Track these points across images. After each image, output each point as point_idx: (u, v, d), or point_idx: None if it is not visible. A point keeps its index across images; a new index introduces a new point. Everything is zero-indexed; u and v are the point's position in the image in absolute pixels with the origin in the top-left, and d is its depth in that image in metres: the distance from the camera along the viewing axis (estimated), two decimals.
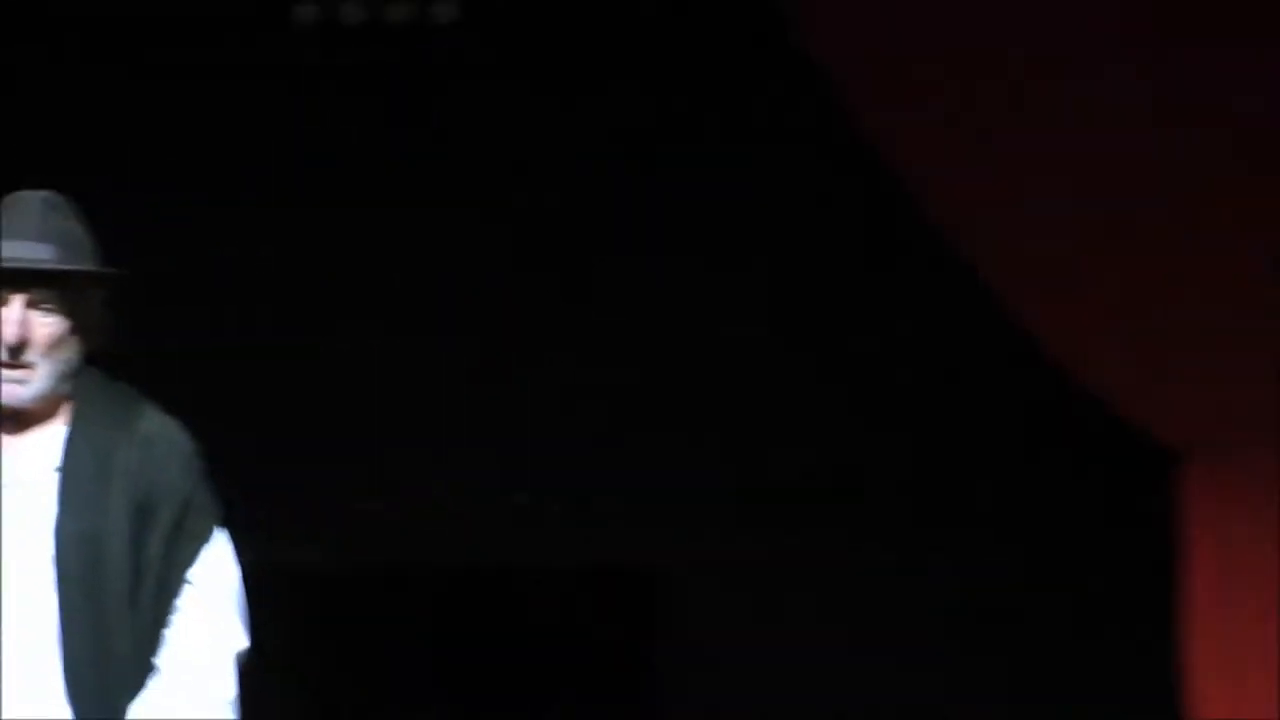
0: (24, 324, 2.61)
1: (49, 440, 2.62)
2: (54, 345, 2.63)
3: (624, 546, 5.89)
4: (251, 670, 2.73)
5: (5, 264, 2.58)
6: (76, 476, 2.67)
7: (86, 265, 2.71)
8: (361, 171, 5.67)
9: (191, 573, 2.71)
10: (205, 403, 4.53)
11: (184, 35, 5.49)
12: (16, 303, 2.59)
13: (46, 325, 2.62)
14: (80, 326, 2.71)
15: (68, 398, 2.70)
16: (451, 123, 5.64)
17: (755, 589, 5.87)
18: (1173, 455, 5.48)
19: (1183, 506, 5.50)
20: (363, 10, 5.39)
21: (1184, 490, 5.50)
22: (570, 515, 5.71)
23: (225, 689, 2.69)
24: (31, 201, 2.69)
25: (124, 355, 2.76)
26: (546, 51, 5.58)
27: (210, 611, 2.73)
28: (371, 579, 6.10)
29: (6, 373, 2.60)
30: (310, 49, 5.51)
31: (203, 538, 2.72)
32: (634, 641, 6.12)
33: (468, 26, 5.48)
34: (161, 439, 2.76)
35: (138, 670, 2.66)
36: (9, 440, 2.60)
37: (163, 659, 2.68)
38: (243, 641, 2.72)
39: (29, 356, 2.61)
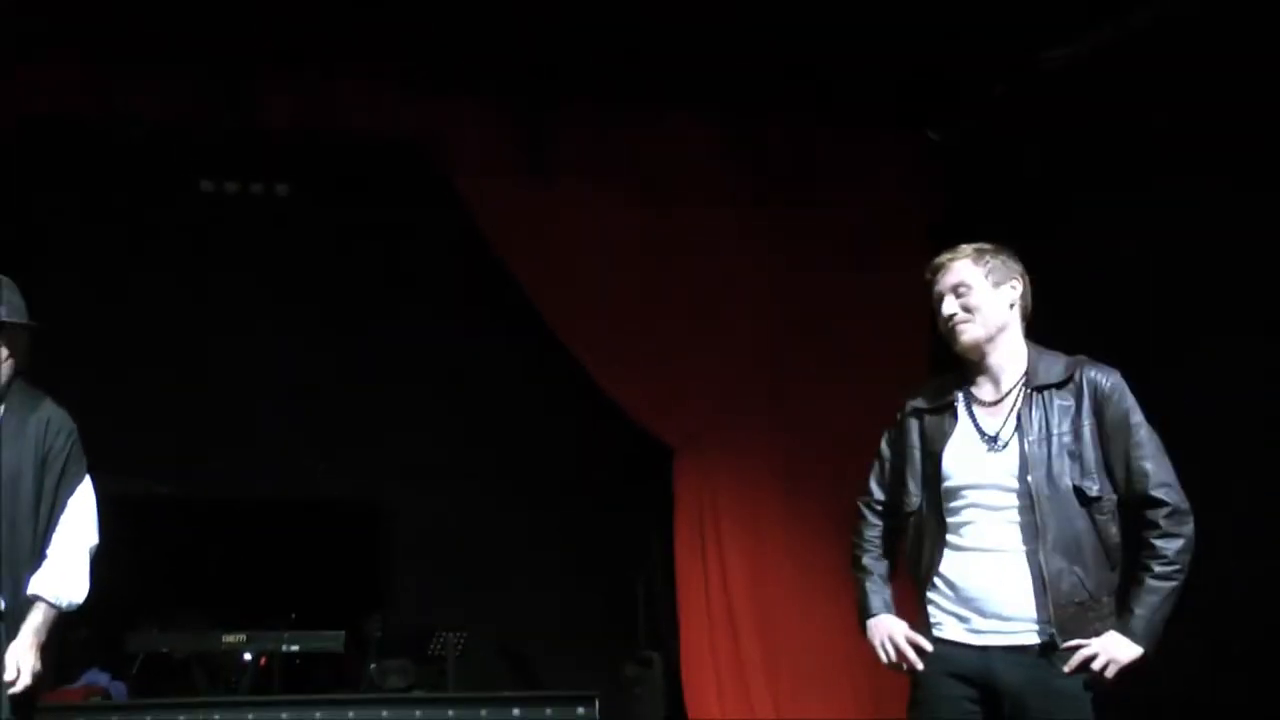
0: None
1: None
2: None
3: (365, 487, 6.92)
4: (101, 557, 3.31)
5: None
6: (8, 440, 3.17)
7: (20, 320, 3.28)
8: (234, 274, 6.77)
9: (70, 500, 3.25)
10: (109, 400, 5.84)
11: (132, 192, 6.50)
12: None
13: None
14: (13, 354, 3.27)
15: (2, 396, 3.23)
16: (284, 250, 6.83)
17: (449, 520, 6.89)
18: (671, 450, 6.57)
19: (677, 483, 6.55)
20: (237, 186, 6.54)
21: (677, 473, 6.56)
22: (332, 466, 6.72)
23: (83, 568, 3.25)
24: None
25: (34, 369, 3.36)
26: (335, 215, 6.80)
27: (78, 522, 3.26)
28: (204, 504, 6.81)
29: None
30: (206, 207, 6.60)
31: (77, 478, 3.28)
32: (369, 547, 7.02)
33: (295, 198, 6.71)
34: (55, 420, 3.26)
35: (35, 555, 3.19)
36: None
37: (50, 550, 3.22)
38: (95, 540, 3.31)
39: None
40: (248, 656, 6.18)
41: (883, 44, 5.64)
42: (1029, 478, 2.97)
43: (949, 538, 3.07)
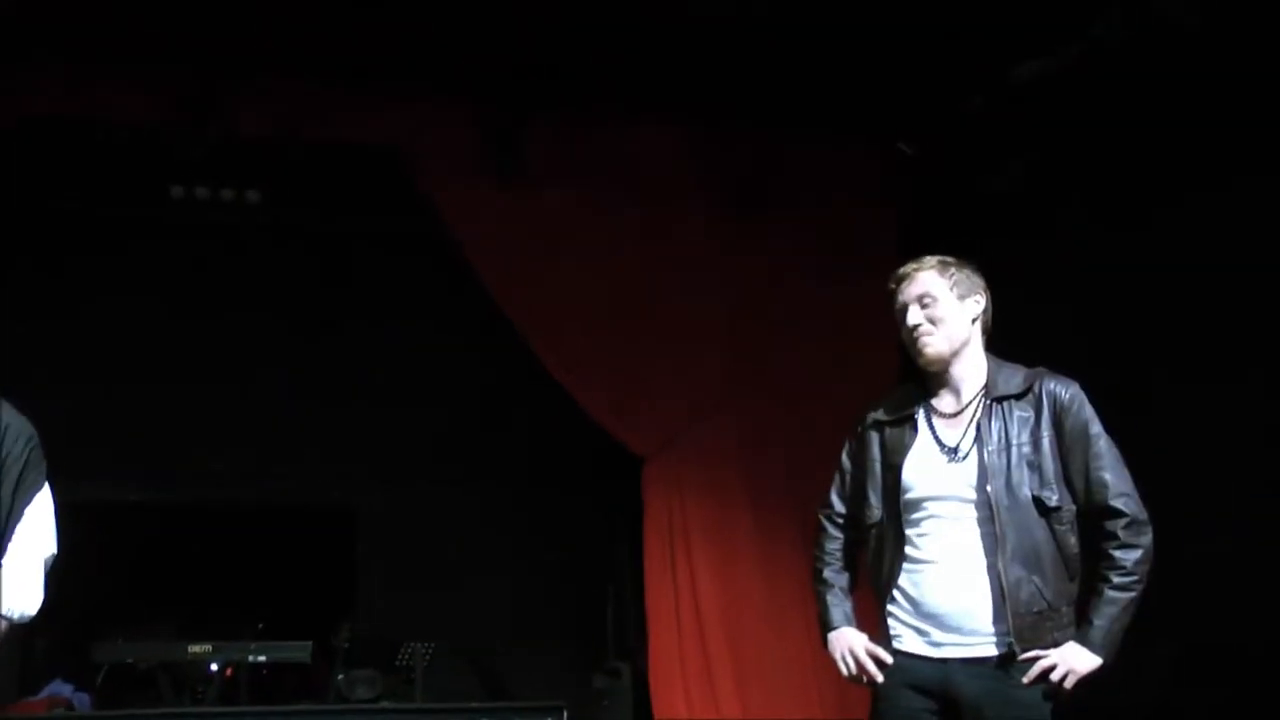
0: None
1: None
2: None
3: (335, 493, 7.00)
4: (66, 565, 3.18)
5: None
6: None
7: None
8: (206, 281, 6.83)
9: (28, 508, 3.11)
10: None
11: (105, 198, 6.53)
12: None
13: None
14: None
15: None
16: (254, 254, 6.89)
17: (428, 526, 6.99)
18: (640, 459, 6.58)
19: (645, 492, 6.56)
20: (208, 193, 6.52)
21: (646, 481, 6.57)
22: (301, 474, 6.81)
23: (37, 578, 3.10)
24: None
25: None
26: (305, 221, 6.85)
27: (34, 531, 3.12)
28: (171, 511, 6.85)
29: None
30: (178, 213, 6.59)
31: (35, 487, 3.13)
32: (340, 555, 7.06)
33: (265, 205, 6.68)
34: (14, 426, 3.11)
35: None
36: None
37: (4, 559, 3.06)
38: (53, 549, 3.16)
39: None
40: (214, 667, 6.14)
41: (857, 56, 5.68)
42: (988, 487, 2.97)
43: (908, 550, 3.07)
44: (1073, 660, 2.91)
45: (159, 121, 5.87)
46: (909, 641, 3.05)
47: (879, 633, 3.13)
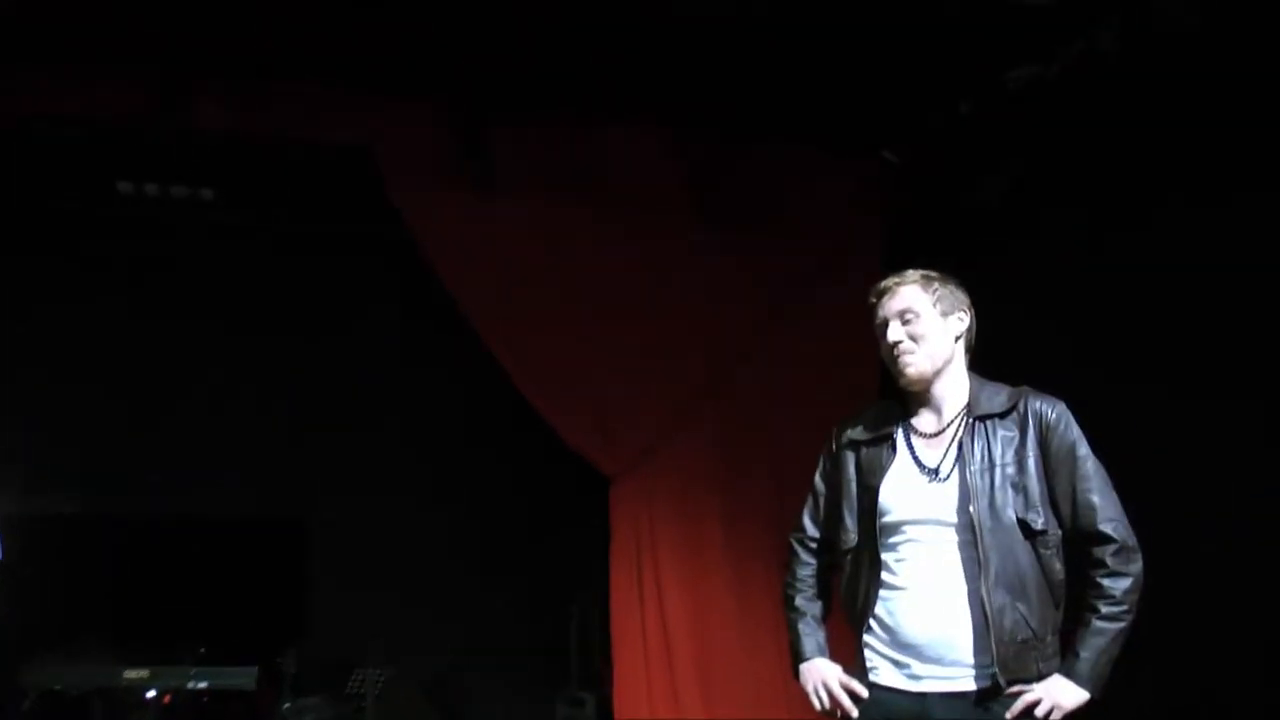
0: None
1: None
2: None
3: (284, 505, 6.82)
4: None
5: None
6: None
7: None
8: (151, 280, 6.64)
9: None
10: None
11: (51, 192, 6.34)
12: None
13: None
14: None
15: None
16: (206, 254, 6.70)
17: (374, 536, 6.79)
18: (607, 479, 6.44)
19: (613, 512, 6.43)
20: (157, 189, 6.31)
21: (613, 501, 6.44)
22: (251, 485, 6.62)
23: None
24: None
25: None
26: (264, 221, 6.67)
27: None
28: (107, 524, 6.58)
29: None
30: (127, 210, 6.37)
31: None
32: (288, 572, 6.87)
33: (218, 202, 6.48)
34: None
35: None
36: None
37: None
38: None
39: None
40: (151, 693, 5.85)
41: (845, 60, 5.64)
42: (971, 508, 2.89)
43: (886, 577, 2.99)
44: (1058, 695, 2.85)
45: (116, 118, 5.77)
46: (886, 674, 2.98)
47: (854, 664, 3.04)
